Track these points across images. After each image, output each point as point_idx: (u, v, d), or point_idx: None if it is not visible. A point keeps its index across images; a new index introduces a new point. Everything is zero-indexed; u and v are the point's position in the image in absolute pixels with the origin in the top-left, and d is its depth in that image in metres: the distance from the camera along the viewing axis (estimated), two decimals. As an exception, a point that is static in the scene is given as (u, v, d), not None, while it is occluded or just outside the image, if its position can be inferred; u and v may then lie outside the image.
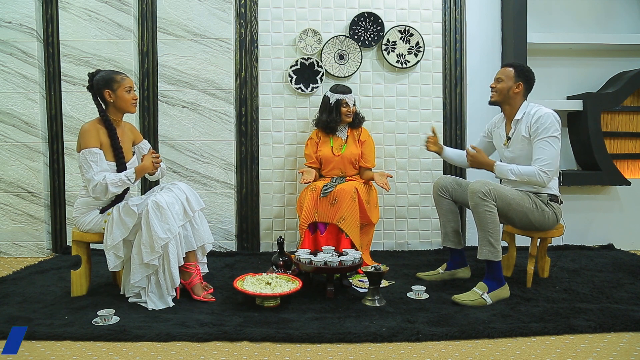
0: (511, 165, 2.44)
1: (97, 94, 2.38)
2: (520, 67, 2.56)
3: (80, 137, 2.30)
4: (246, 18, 3.48)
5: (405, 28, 3.46)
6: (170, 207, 2.24)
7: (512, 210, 2.38)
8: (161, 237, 2.18)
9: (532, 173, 2.39)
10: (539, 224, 2.46)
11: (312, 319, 2.07)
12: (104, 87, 2.36)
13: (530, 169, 2.40)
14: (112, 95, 2.36)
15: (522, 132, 2.49)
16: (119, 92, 2.37)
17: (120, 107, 2.40)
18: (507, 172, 2.43)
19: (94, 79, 2.38)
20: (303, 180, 2.91)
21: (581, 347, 1.83)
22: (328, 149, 3.13)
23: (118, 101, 2.37)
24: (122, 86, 2.37)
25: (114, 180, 2.26)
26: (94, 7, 3.33)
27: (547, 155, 2.38)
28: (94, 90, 2.38)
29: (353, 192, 2.82)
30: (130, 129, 2.55)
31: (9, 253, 3.41)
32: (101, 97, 2.38)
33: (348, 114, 3.06)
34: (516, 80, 2.53)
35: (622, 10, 3.68)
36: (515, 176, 2.41)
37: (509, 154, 2.58)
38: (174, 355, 1.76)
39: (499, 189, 2.34)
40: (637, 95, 3.67)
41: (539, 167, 2.38)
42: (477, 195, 2.30)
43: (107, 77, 2.37)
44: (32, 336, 1.88)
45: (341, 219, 2.78)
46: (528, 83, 2.55)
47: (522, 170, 2.40)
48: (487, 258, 2.31)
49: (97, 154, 2.28)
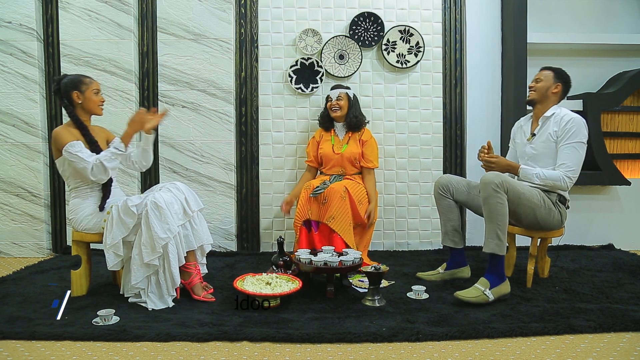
0: (536, 170, 2.47)
1: (64, 96, 2.41)
2: (559, 70, 2.61)
3: (55, 140, 2.33)
4: (246, 18, 3.48)
5: (405, 28, 3.46)
6: (169, 207, 2.24)
7: (521, 204, 2.39)
8: (161, 237, 2.18)
9: (557, 178, 2.42)
10: (544, 222, 2.46)
11: (312, 319, 2.07)
12: (72, 88, 2.38)
13: (555, 174, 2.42)
14: (81, 96, 2.39)
15: (549, 132, 2.51)
16: (87, 94, 2.40)
17: (88, 109, 2.43)
18: (532, 176, 2.46)
19: (61, 82, 2.41)
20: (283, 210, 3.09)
21: (581, 347, 1.83)
22: (329, 146, 3.15)
23: (86, 102, 2.41)
24: (90, 88, 2.41)
25: (106, 155, 2.30)
26: (94, 7, 3.34)
27: (573, 161, 2.42)
28: (61, 93, 2.41)
29: (342, 192, 2.82)
30: (100, 129, 2.57)
31: (9, 253, 3.41)
32: (69, 99, 2.40)
33: (333, 108, 3.12)
34: (555, 81, 2.58)
35: (622, 10, 3.68)
36: (540, 180, 2.44)
37: (531, 150, 2.59)
38: (174, 355, 1.76)
39: (511, 182, 2.35)
40: (637, 95, 3.67)
41: (564, 172, 2.42)
42: (490, 187, 2.30)
43: (75, 79, 2.41)
44: (32, 336, 1.88)
45: (330, 218, 2.78)
46: (566, 86, 2.60)
47: (547, 174, 2.43)
48: (493, 251, 2.31)
49: (79, 144, 2.31)
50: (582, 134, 2.44)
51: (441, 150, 3.56)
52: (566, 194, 2.54)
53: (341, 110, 3.11)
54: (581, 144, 2.45)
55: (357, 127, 3.15)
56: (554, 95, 2.58)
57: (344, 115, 3.14)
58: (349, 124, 3.14)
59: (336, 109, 3.11)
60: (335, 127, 3.21)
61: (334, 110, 3.12)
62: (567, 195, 2.54)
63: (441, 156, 3.56)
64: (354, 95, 3.18)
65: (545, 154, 2.53)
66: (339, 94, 3.12)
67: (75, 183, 2.40)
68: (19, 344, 1.84)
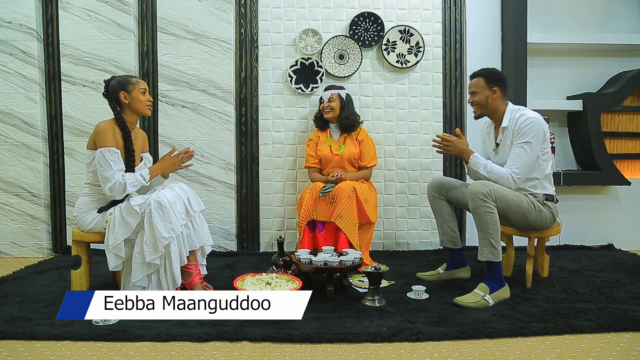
0: (486, 161, 2.46)
1: (112, 97, 2.41)
2: (487, 73, 2.54)
3: (97, 135, 2.31)
4: (246, 18, 3.48)
5: (405, 28, 3.46)
6: (173, 206, 2.24)
7: (512, 211, 2.38)
8: (164, 237, 2.18)
9: (503, 175, 2.41)
10: (537, 224, 2.46)
11: (312, 319, 2.07)
12: (119, 89, 2.39)
13: (503, 171, 2.42)
14: (128, 96, 2.39)
15: (508, 140, 2.49)
16: (134, 94, 2.40)
17: (135, 109, 2.43)
18: (480, 166, 2.45)
19: (110, 84, 2.42)
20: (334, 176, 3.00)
21: (581, 347, 1.83)
22: (327, 148, 3.15)
23: (133, 102, 2.41)
24: (137, 88, 2.41)
25: (131, 180, 2.30)
26: (94, 7, 3.34)
27: (520, 162, 2.40)
28: (109, 94, 2.41)
29: (351, 191, 2.83)
30: (142, 136, 2.59)
31: (9, 253, 3.41)
32: (117, 100, 2.41)
33: (325, 110, 3.13)
34: (490, 87, 2.51)
35: (622, 10, 3.68)
36: (486, 172, 2.43)
37: (499, 159, 2.57)
38: (174, 355, 1.76)
39: (498, 189, 2.34)
40: (637, 95, 3.67)
41: (511, 171, 2.40)
42: (477, 197, 2.30)
43: (122, 80, 2.42)
44: (32, 336, 1.88)
45: (338, 217, 2.79)
46: (502, 85, 2.53)
47: (494, 169, 2.43)
48: (487, 259, 2.31)
49: (116, 154, 2.30)
50: (532, 133, 2.38)
51: (441, 150, 3.55)
52: (552, 190, 2.53)
53: (333, 111, 3.11)
54: (529, 144, 2.38)
55: (350, 128, 3.14)
56: (496, 100, 2.52)
57: (336, 116, 3.14)
58: (341, 125, 3.14)
59: (328, 111, 3.12)
60: (330, 127, 3.22)
61: (326, 112, 3.13)
62: (553, 191, 2.53)
63: (441, 156, 3.55)
64: (347, 95, 3.16)
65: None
66: (331, 95, 3.12)
67: (95, 180, 2.37)
68: (19, 344, 1.84)
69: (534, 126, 2.39)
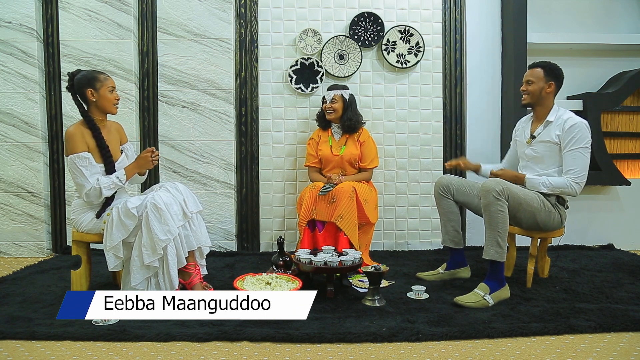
0: (542, 178, 2.47)
1: (78, 93, 2.34)
2: (549, 66, 2.55)
3: (66, 141, 2.28)
4: (246, 18, 3.48)
5: (405, 28, 3.46)
6: (169, 208, 2.24)
7: (522, 210, 2.38)
8: (161, 239, 2.18)
9: (563, 185, 2.42)
10: (544, 224, 2.46)
11: (312, 319, 2.07)
12: (87, 85, 2.32)
13: (562, 181, 2.42)
14: (95, 94, 2.33)
15: (551, 136, 2.49)
16: (102, 92, 2.33)
17: (102, 107, 2.37)
18: (539, 185, 2.45)
19: (75, 77, 2.34)
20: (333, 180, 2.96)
21: (581, 347, 1.83)
22: (327, 148, 3.15)
23: (100, 100, 2.34)
24: (105, 85, 2.35)
25: (106, 183, 2.27)
26: (94, 7, 3.33)
27: (580, 166, 2.41)
28: (74, 89, 2.34)
29: (351, 191, 2.82)
30: (117, 129, 2.53)
31: (9, 253, 3.41)
32: (82, 97, 2.34)
33: (328, 110, 3.10)
34: (547, 80, 2.53)
35: (622, 10, 3.68)
36: (547, 189, 2.44)
37: (531, 152, 2.58)
38: (174, 355, 1.76)
39: (511, 188, 2.34)
40: (637, 95, 3.67)
41: (572, 179, 2.41)
42: (491, 194, 2.29)
43: (89, 75, 2.34)
44: (32, 336, 1.88)
45: (339, 217, 2.78)
46: (558, 81, 2.56)
47: (553, 182, 2.43)
48: (493, 258, 2.31)
49: (86, 159, 2.27)
50: (586, 139, 2.43)
51: (441, 150, 3.56)
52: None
53: (335, 112, 3.10)
54: (586, 149, 2.43)
55: (352, 129, 3.12)
56: (549, 94, 2.55)
57: (338, 117, 3.12)
58: (344, 126, 3.12)
59: (330, 112, 3.10)
60: (332, 127, 3.21)
61: (329, 113, 3.11)
62: (566, 196, 2.54)
63: (441, 156, 3.56)
64: (350, 95, 3.13)
65: (546, 155, 2.52)
66: (334, 96, 3.09)
67: None
68: (19, 344, 1.84)
69: (585, 131, 2.43)
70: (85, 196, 2.27)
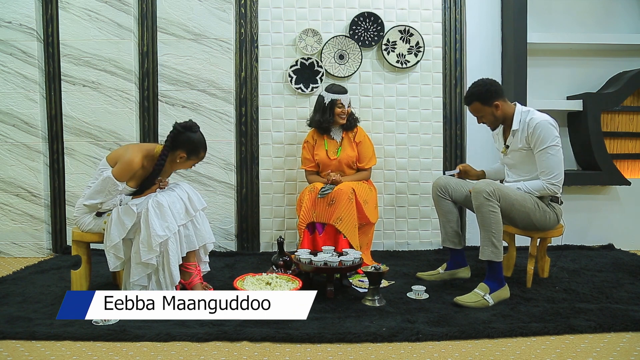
0: (519, 183, 2.46)
1: (174, 143, 2.32)
2: (480, 95, 2.48)
3: (122, 164, 2.25)
4: (246, 18, 3.48)
5: (405, 28, 3.46)
6: (171, 206, 2.25)
7: (515, 210, 2.38)
8: (159, 235, 2.18)
9: (539, 187, 2.41)
10: (540, 224, 2.46)
11: (312, 319, 2.07)
12: (185, 149, 2.33)
13: (537, 184, 2.42)
14: (181, 161, 2.36)
15: (520, 143, 2.49)
16: (188, 164, 2.41)
17: (171, 171, 2.47)
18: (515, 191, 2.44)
19: (187, 132, 2.32)
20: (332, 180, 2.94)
21: (581, 347, 1.83)
22: (323, 152, 3.10)
23: (178, 167, 2.42)
24: (194, 162, 2.42)
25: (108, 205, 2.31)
26: (94, 7, 3.33)
27: (551, 166, 2.40)
28: (174, 139, 2.32)
29: (350, 193, 2.81)
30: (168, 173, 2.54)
31: (9, 253, 3.41)
32: (173, 149, 2.33)
33: (342, 115, 3.03)
34: (489, 105, 2.50)
35: (622, 10, 3.68)
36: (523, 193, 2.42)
37: (509, 160, 2.60)
38: (174, 355, 1.76)
39: (503, 189, 2.34)
40: (637, 95, 3.67)
41: (546, 180, 2.40)
42: (481, 195, 2.30)
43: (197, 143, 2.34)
44: (32, 336, 1.89)
45: (338, 220, 2.78)
46: (498, 95, 2.50)
47: (529, 185, 2.43)
48: (489, 259, 2.31)
49: (118, 189, 2.27)
50: (551, 137, 2.39)
51: (441, 150, 3.56)
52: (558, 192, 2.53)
53: (347, 116, 3.08)
54: (554, 147, 2.39)
55: (352, 127, 3.12)
56: (501, 109, 2.51)
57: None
58: (345, 126, 3.11)
59: (343, 116, 3.04)
60: (332, 130, 3.13)
61: (343, 118, 3.04)
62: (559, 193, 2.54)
63: (441, 156, 3.56)
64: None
65: (523, 161, 2.51)
66: (350, 100, 3.08)
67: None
68: (19, 344, 1.85)
69: (549, 129, 2.40)
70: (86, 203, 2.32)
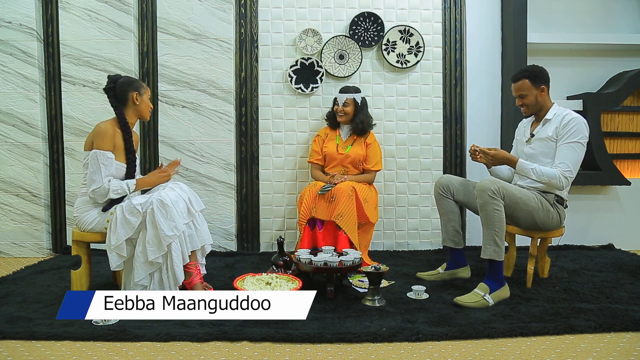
0: (534, 165, 2.43)
1: (119, 95, 2.40)
2: (532, 73, 2.52)
3: (96, 136, 2.31)
4: (246, 18, 3.48)
5: (405, 28, 3.46)
6: (175, 205, 2.25)
7: (519, 209, 2.38)
8: (168, 235, 2.19)
9: (553, 175, 2.38)
10: (543, 223, 2.46)
11: (312, 319, 2.07)
12: (132, 89, 2.40)
13: (552, 172, 2.39)
14: (139, 98, 2.42)
15: (548, 132, 2.48)
16: (144, 97, 2.45)
17: (141, 112, 2.46)
18: (529, 171, 2.41)
19: (119, 81, 2.41)
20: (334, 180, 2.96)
21: (581, 347, 1.83)
22: (333, 146, 3.18)
23: (142, 105, 2.45)
24: (147, 92, 2.48)
25: (115, 187, 2.31)
26: (94, 7, 3.33)
27: (570, 161, 2.39)
28: (115, 90, 2.40)
29: (350, 191, 2.83)
30: (136, 139, 2.57)
31: (9, 253, 3.41)
32: (123, 99, 2.40)
33: (339, 113, 3.13)
34: (537, 86, 2.51)
35: (622, 10, 3.68)
36: (536, 176, 2.40)
37: (529, 150, 2.57)
38: (174, 355, 1.76)
39: (507, 187, 2.34)
40: (637, 95, 3.67)
41: (561, 171, 2.38)
42: (486, 193, 2.29)
43: (134, 80, 2.44)
44: (32, 336, 1.88)
45: (339, 216, 2.79)
46: (547, 82, 2.54)
47: (544, 171, 2.39)
48: (491, 257, 2.31)
49: (110, 159, 2.30)
50: (581, 134, 2.41)
51: (441, 150, 3.56)
52: (564, 193, 2.52)
53: (346, 115, 3.13)
54: (580, 145, 2.41)
55: (363, 132, 3.15)
56: (544, 97, 2.54)
57: (349, 120, 3.15)
58: (355, 129, 3.14)
59: (341, 115, 3.13)
60: (341, 127, 3.23)
61: (340, 116, 3.14)
62: (565, 195, 2.53)
63: (441, 156, 3.56)
64: (362, 99, 3.16)
65: (543, 153, 2.50)
66: (346, 99, 3.11)
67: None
68: (19, 344, 1.85)
69: (582, 127, 2.41)
70: (92, 192, 2.29)
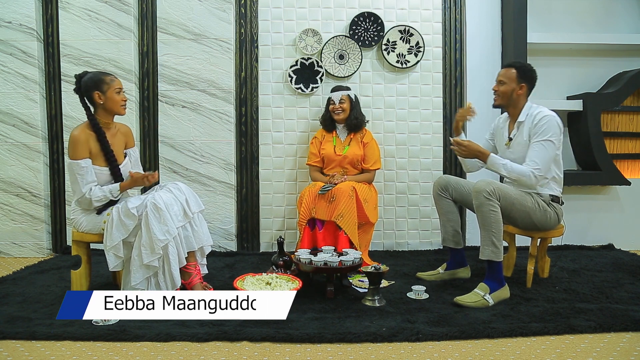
0: (505, 160, 2.42)
1: (85, 95, 2.35)
2: (522, 68, 2.52)
3: (70, 145, 2.29)
4: (246, 18, 3.48)
5: (405, 28, 3.46)
6: (169, 208, 2.24)
7: (515, 210, 2.38)
8: (160, 239, 2.18)
9: (524, 173, 2.36)
10: (541, 223, 2.46)
11: (312, 319, 2.07)
12: (93, 88, 2.32)
13: (523, 169, 2.38)
14: (102, 97, 2.33)
15: (524, 135, 2.48)
16: (109, 94, 2.33)
17: (110, 109, 2.37)
18: (499, 166, 2.40)
19: (82, 80, 2.35)
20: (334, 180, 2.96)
21: (581, 347, 1.83)
22: (331, 147, 3.17)
23: (108, 103, 2.34)
24: (112, 87, 2.34)
25: (98, 196, 2.29)
26: (94, 7, 3.33)
27: (540, 159, 2.37)
28: (81, 92, 2.35)
29: (350, 191, 2.83)
30: (124, 132, 2.52)
31: (9, 253, 3.41)
32: (90, 99, 2.35)
33: (336, 111, 3.13)
34: (519, 81, 2.50)
35: (622, 10, 3.68)
36: (506, 171, 2.39)
37: (510, 154, 2.56)
38: (174, 355, 1.76)
39: (503, 188, 2.34)
40: (637, 95, 3.67)
41: (531, 169, 2.37)
42: (482, 195, 2.30)
43: (95, 78, 2.34)
44: (32, 336, 1.88)
45: (339, 216, 2.79)
46: (531, 83, 2.52)
47: (514, 167, 2.38)
48: (489, 258, 2.31)
49: (84, 167, 2.27)
50: (552, 132, 2.38)
51: (441, 150, 3.56)
52: (558, 191, 2.51)
53: (344, 112, 3.13)
54: (550, 142, 2.37)
55: (358, 127, 3.16)
56: (520, 96, 2.51)
57: (346, 117, 3.15)
58: (350, 125, 3.15)
59: (339, 112, 3.13)
60: (337, 128, 3.23)
61: (337, 114, 3.13)
62: (559, 193, 2.52)
63: (441, 156, 3.56)
64: (355, 96, 3.18)
65: (524, 157, 2.48)
66: (342, 96, 3.12)
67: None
68: (19, 344, 1.85)
69: (552, 124, 2.39)
70: (76, 202, 2.33)
